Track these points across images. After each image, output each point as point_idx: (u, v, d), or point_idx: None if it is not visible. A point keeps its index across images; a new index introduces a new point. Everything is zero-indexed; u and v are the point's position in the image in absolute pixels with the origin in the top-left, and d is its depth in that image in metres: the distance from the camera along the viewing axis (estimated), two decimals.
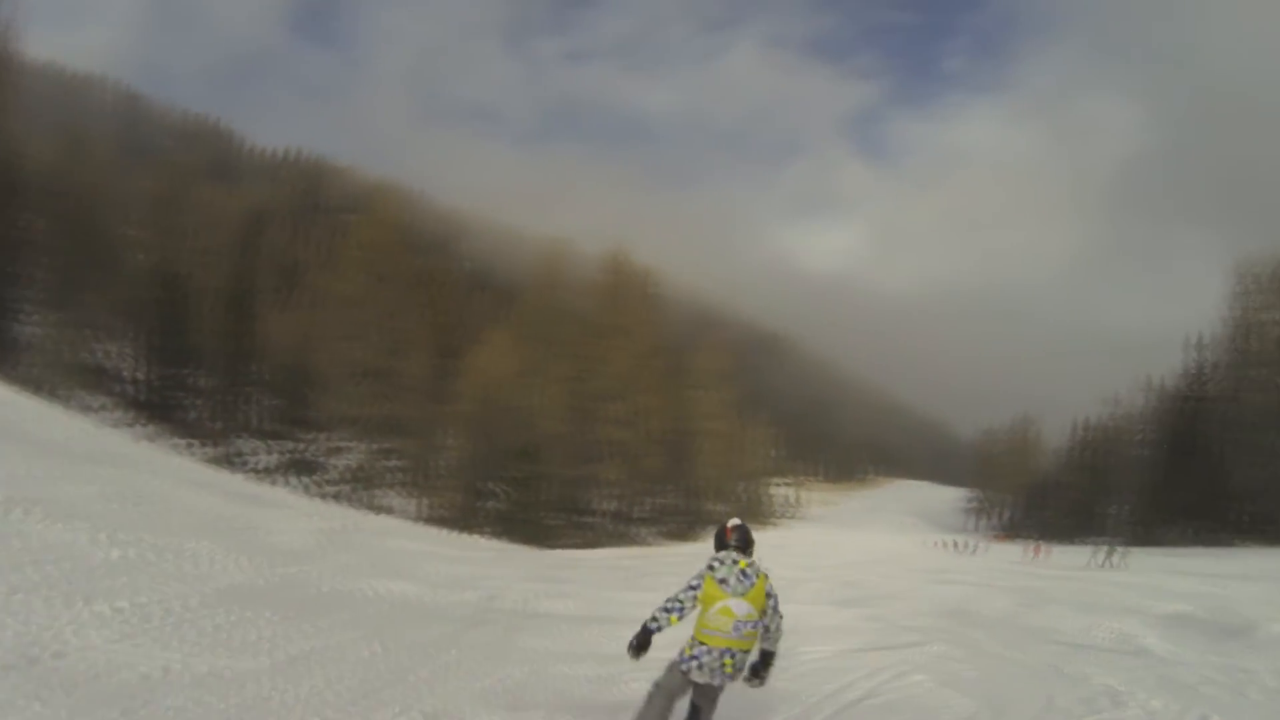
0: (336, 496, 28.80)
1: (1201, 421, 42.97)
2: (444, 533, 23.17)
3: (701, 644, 3.33)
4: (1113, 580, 16.11)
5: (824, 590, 13.60)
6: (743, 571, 3.36)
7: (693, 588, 3.35)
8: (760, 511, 53.11)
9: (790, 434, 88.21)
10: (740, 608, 3.29)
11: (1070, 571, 20.01)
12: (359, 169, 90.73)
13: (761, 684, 3.51)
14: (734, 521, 3.66)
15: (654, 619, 3.36)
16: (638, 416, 37.12)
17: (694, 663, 3.34)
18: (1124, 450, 55.57)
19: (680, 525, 38.24)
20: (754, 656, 3.44)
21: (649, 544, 33.96)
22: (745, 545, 3.53)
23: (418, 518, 28.61)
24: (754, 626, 3.34)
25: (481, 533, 26.92)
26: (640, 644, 3.38)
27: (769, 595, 3.40)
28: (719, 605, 3.28)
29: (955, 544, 39.41)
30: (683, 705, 3.56)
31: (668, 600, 3.37)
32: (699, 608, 3.34)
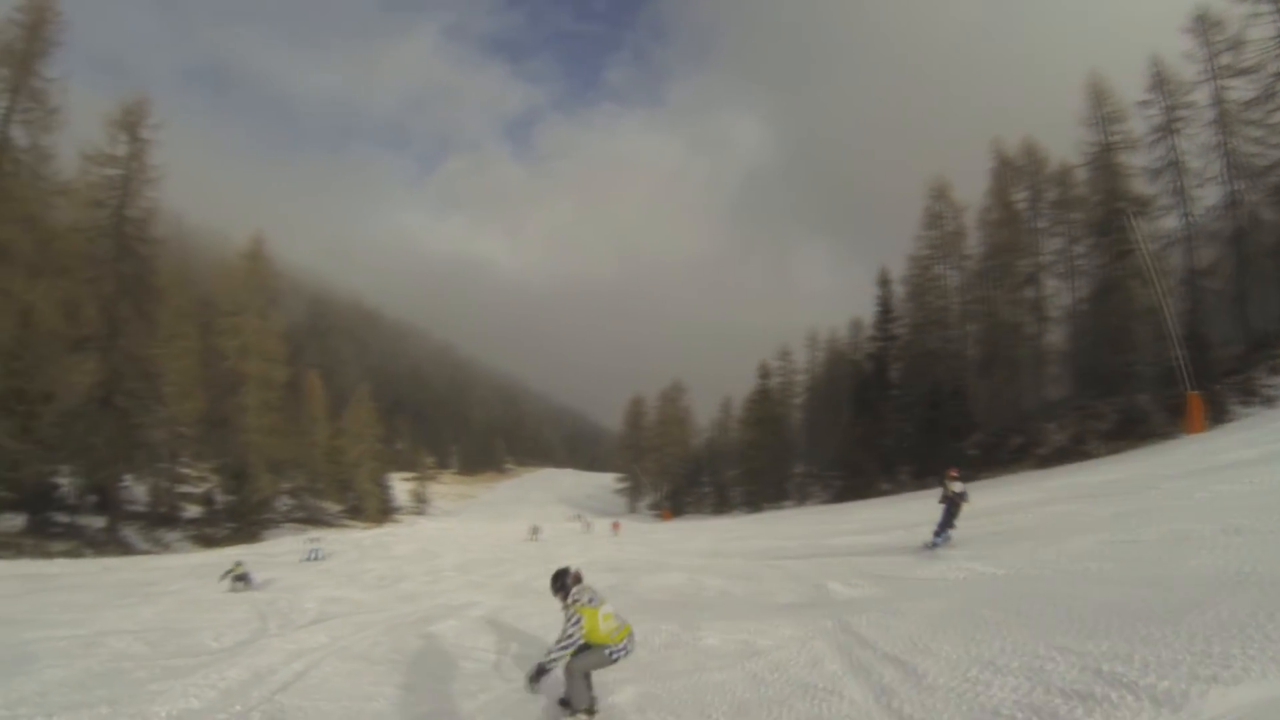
0: None
1: (891, 364, 38.61)
2: None
3: (618, 642, 4.90)
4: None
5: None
6: (593, 591, 4.99)
7: (577, 622, 4.74)
8: (370, 509, 50.38)
9: (422, 427, 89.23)
10: (611, 608, 4.97)
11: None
12: None
13: None
14: (574, 568, 5.23)
15: (551, 661, 4.70)
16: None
17: (621, 651, 4.90)
18: (794, 411, 52.39)
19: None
20: None
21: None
22: (578, 580, 5.13)
23: None
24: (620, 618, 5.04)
25: None
26: (537, 678, 4.79)
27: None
28: (601, 614, 4.86)
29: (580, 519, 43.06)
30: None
31: (559, 644, 4.70)
32: (587, 629, 4.78)
